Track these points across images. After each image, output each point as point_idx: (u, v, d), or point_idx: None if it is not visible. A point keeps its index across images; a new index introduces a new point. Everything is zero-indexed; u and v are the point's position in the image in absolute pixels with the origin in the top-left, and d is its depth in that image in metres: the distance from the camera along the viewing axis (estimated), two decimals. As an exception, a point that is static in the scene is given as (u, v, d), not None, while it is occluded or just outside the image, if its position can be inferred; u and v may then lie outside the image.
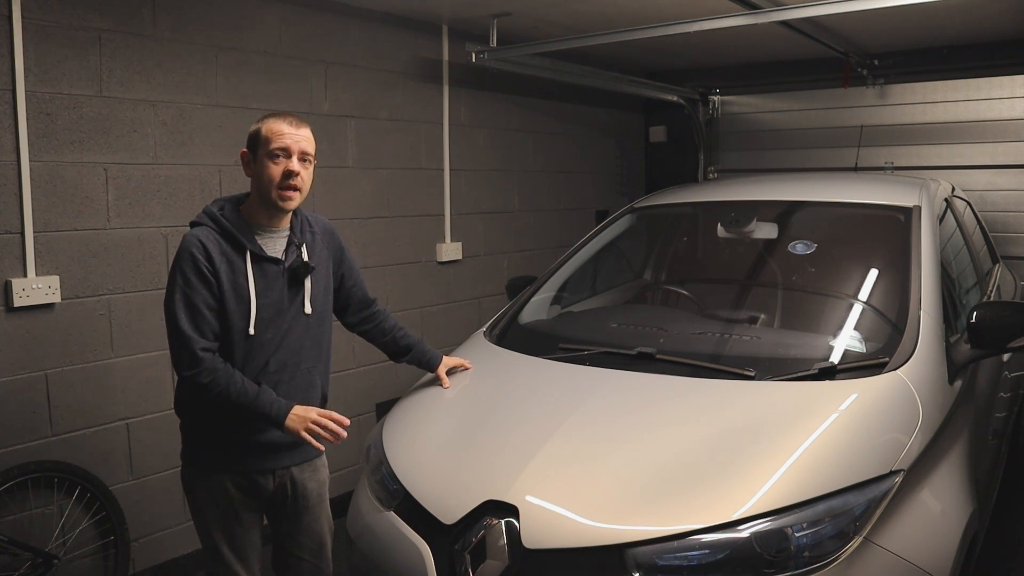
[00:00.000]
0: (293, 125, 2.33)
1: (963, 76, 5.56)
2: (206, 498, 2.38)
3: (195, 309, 2.24)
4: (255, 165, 2.34)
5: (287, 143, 2.30)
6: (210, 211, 2.36)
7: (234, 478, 2.37)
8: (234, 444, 2.36)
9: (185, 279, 2.25)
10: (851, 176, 4.86)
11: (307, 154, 2.35)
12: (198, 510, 2.42)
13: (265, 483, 2.41)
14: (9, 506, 3.13)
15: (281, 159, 2.30)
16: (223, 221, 2.32)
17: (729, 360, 2.69)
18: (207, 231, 2.31)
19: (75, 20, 3.21)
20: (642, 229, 4.05)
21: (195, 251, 2.26)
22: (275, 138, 2.30)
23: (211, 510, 2.39)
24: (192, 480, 2.42)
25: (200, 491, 2.39)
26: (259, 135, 2.33)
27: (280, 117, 2.34)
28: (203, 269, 2.25)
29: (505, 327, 3.24)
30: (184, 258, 2.27)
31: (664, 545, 2.00)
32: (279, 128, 2.31)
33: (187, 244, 2.28)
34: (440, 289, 4.93)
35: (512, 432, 2.44)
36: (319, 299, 2.48)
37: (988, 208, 5.43)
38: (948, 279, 3.10)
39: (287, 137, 2.30)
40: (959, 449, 2.54)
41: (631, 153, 6.77)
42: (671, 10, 4.22)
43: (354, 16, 4.26)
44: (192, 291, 2.24)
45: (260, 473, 2.40)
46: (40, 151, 3.15)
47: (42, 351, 3.20)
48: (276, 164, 2.30)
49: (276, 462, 2.41)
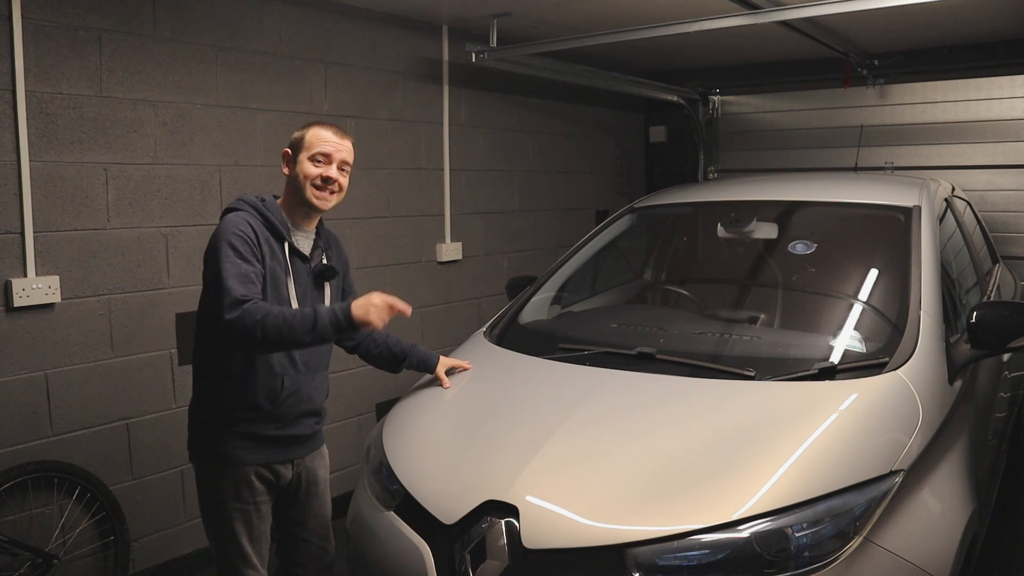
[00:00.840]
0: (337, 135, 2.47)
1: (963, 76, 5.56)
2: (230, 492, 2.41)
3: (244, 275, 2.26)
4: (295, 165, 2.45)
5: (330, 150, 2.44)
6: (251, 200, 2.43)
7: (258, 470, 2.44)
8: (260, 438, 2.42)
9: (233, 247, 2.28)
10: (851, 176, 4.86)
11: (346, 163, 2.49)
12: (219, 504, 2.43)
13: (284, 473, 2.51)
14: (9, 506, 3.13)
15: (322, 164, 2.43)
16: (265, 210, 2.41)
17: (729, 360, 2.69)
18: (251, 215, 2.39)
19: (75, 20, 3.21)
20: (642, 229, 4.04)
21: (243, 227, 2.33)
22: (319, 143, 2.43)
23: (234, 503, 2.42)
24: (216, 475, 2.43)
25: (225, 485, 2.42)
26: (303, 138, 2.45)
27: (326, 126, 2.48)
28: (250, 242, 2.32)
29: (505, 327, 3.24)
30: (231, 232, 2.31)
31: (664, 545, 2.00)
32: (324, 135, 2.45)
33: (235, 221, 2.34)
34: (440, 289, 4.93)
35: (512, 432, 2.44)
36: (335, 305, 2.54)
37: (988, 208, 5.43)
38: (948, 279, 3.10)
39: (330, 144, 2.44)
40: (959, 449, 2.54)
41: (631, 153, 6.77)
42: (671, 10, 4.22)
43: (354, 16, 4.26)
44: (240, 257, 2.28)
45: (281, 464, 2.49)
46: (40, 151, 3.15)
47: (42, 351, 3.20)
48: (316, 167, 2.43)
49: (295, 452, 2.52)
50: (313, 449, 2.59)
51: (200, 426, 2.46)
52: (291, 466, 2.52)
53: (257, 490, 2.44)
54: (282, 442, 2.47)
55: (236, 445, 2.40)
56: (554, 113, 5.78)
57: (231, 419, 2.40)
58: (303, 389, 2.46)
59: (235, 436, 2.40)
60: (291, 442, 2.49)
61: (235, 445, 2.40)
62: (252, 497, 2.43)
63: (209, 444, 2.43)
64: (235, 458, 2.40)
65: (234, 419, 2.39)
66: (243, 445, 2.41)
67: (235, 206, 2.43)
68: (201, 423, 2.46)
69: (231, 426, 2.40)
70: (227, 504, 2.42)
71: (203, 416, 2.45)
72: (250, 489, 2.43)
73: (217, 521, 2.45)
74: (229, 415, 2.40)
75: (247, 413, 2.39)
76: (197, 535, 3.74)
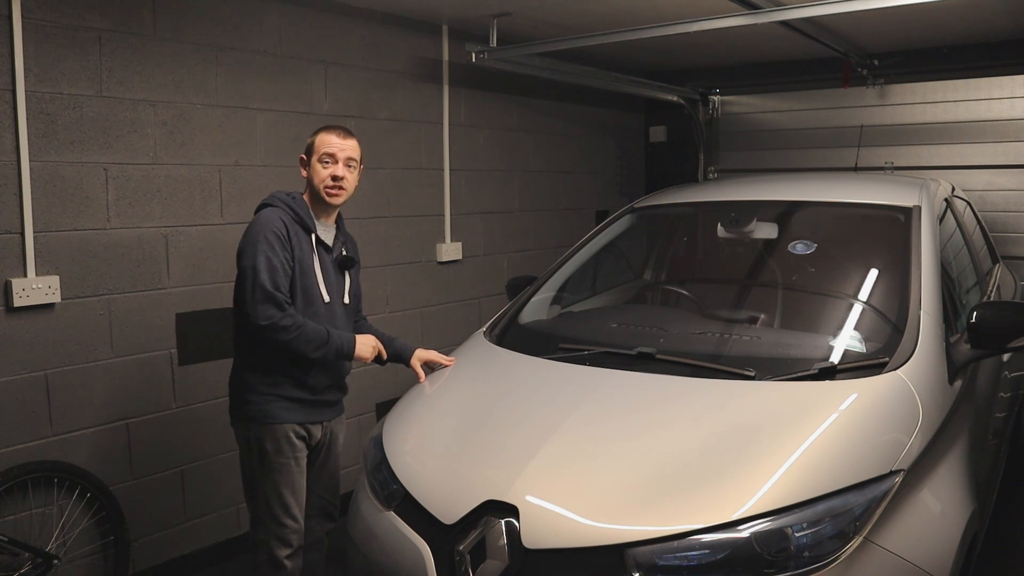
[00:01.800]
0: (341, 136, 2.80)
1: (963, 76, 5.56)
2: (273, 448, 2.73)
3: (275, 269, 2.63)
4: (309, 168, 2.81)
5: (334, 150, 2.77)
6: (282, 197, 2.77)
7: (295, 428, 2.77)
8: (298, 399, 2.76)
9: (269, 244, 2.64)
10: (851, 176, 4.86)
11: (352, 159, 2.83)
12: (263, 460, 2.74)
13: (316, 433, 2.85)
14: (9, 506, 3.13)
15: (329, 164, 2.77)
16: (295, 206, 2.76)
17: (729, 360, 2.69)
18: (283, 212, 2.73)
19: (75, 20, 3.21)
20: (642, 229, 4.04)
21: (277, 223, 2.68)
22: (324, 146, 2.78)
23: (277, 457, 2.74)
24: (260, 433, 2.74)
25: (267, 443, 2.73)
26: (313, 143, 2.80)
27: (331, 130, 2.81)
28: (283, 238, 2.67)
29: (505, 327, 3.24)
30: (267, 227, 2.66)
31: (664, 545, 2.00)
32: (329, 139, 2.79)
33: (269, 217, 2.69)
34: (440, 289, 4.93)
35: (512, 432, 2.44)
36: (354, 294, 2.98)
37: (988, 208, 5.43)
38: (948, 279, 3.10)
39: (334, 145, 2.78)
40: (959, 449, 2.54)
41: (631, 153, 6.77)
42: (671, 10, 4.22)
43: (354, 16, 4.26)
44: (274, 254, 2.64)
45: (314, 424, 2.84)
46: (40, 151, 3.15)
47: (42, 351, 3.20)
48: (325, 168, 2.77)
49: (325, 415, 2.88)
50: (338, 414, 2.97)
51: (244, 389, 2.76)
52: (321, 427, 2.86)
53: (296, 446, 2.77)
54: (316, 405, 2.82)
55: (278, 406, 2.73)
56: (554, 113, 5.78)
57: (273, 383, 2.73)
58: (330, 370, 2.83)
59: (276, 398, 2.73)
60: (322, 406, 2.85)
61: (277, 406, 2.73)
62: (292, 452, 2.76)
63: (253, 405, 2.73)
64: (277, 416, 2.73)
65: (275, 383, 2.73)
66: (283, 405, 2.74)
67: (269, 202, 2.76)
68: (245, 386, 2.76)
69: (273, 388, 2.73)
70: (270, 459, 2.73)
71: (247, 379, 2.75)
72: (290, 444, 2.75)
73: (261, 476, 2.75)
74: (271, 379, 2.73)
75: (285, 379, 2.73)
76: (197, 535, 3.75)
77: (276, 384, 2.73)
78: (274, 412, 2.73)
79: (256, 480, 2.79)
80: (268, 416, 2.73)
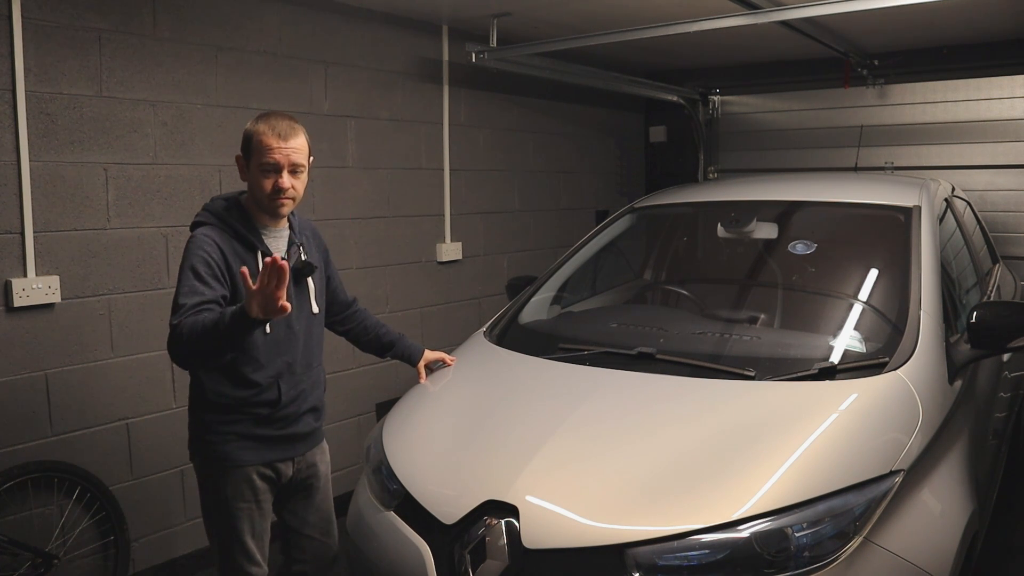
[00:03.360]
0: (282, 138, 2.30)
1: (963, 76, 5.56)
2: (232, 492, 2.40)
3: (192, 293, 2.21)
4: (249, 173, 2.36)
5: (276, 158, 2.30)
6: (215, 210, 2.37)
7: (259, 469, 2.43)
8: (261, 438, 2.42)
9: (196, 273, 2.23)
10: (851, 176, 4.86)
11: (298, 166, 2.35)
12: (221, 503, 2.42)
13: (285, 471, 2.50)
14: (9, 506, 3.13)
15: (271, 174, 2.31)
16: (233, 222, 2.34)
17: (729, 360, 2.69)
18: (217, 231, 2.32)
19: (75, 20, 3.21)
20: (642, 229, 4.04)
21: (209, 250, 2.26)
22: (263, 152, 2.30)
23: (236, 501, 2.41)
24: (217, 476, 2.42)
25: (226, 486, 2.40)
26: (251, 143, 2.33)
27: (271, 127, 2.31)
28: (216, 270, 2.26)
29: (505, 327, 3.24)
30: (196, 257, 2.25)
31: (664, 545, 2.00)
32: (268, 142, 2.30)
33: (199, 243, 2.27)
34: (440, 289, 4.93)
35: (512, 432, 2.44)
36: (320, 298, 2.57)
37: (988, 208, 5.43)
38: (948, 279, 3.10)
39: (276, 152, 2.30)
40: (959, 449, 2.54)
41: (631, 153, 6.77)
42: (671, 10, 4.22)
43: (354, 16, 4.26)
44: (200, 281, 2.22)
45: (282, 462, 2.48)
46: (40, 151, 3.15)
47: (42, 351, 3.20)
48: (267, 178, 2.31)
49: (296, 450, 2.51)
50: (314, 445, 2.59)
51: (200, 427, 2.44)
52: (292, 463, 2.51)
53: (259, 488, 2.44)
54: (283, 441, 2.46)
55: (237, 446, 2.39)
56: (554, 113, 5.78)
57: (231, 420, 2.39)
58: (302, 389, 2.48)
59: (235, 437, 2.39)
60: (292, 440, 2.49)
61: (236, 446, 2.39)
62: (254, 496, 2.43)
63: (210, 445, 2.41)
64: (236, 458, 2.39)
65: (233, 420, 2.39)
66: (243, 446, 2.40)
67: (202, 219, 2.36)
68: (201, 424, 2.44)
69: (231, 426, 2.39)
70: (229, 503, 2.41)
71: (203, 417, 2.43)
72: (251, 488, 2.42)
73: (219, 519, 2.44)
74: (228, 417, 2.39)
75: (247, 416, 2.39)
76: (197, 535, 3.74)
77: (234, 422, 2.37)
78: (232, 454, 2.38)
79: (213, 524, 2.47)
80: (226, 459, 2.38)
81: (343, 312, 2.82)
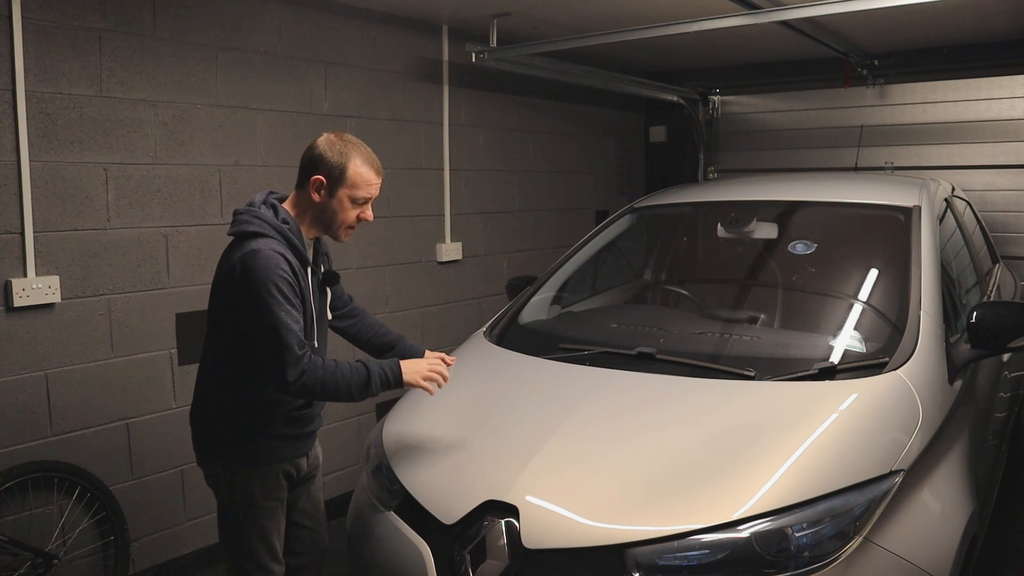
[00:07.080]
0: (378, 174, 2.40)
1: (963, 76, 5.56)
2: (261, 491, 2.41)
3: (296, 324, 2.24)
4: (330, 198, 2.36)
5: (373, 193, 2.39)
6: (274, 224, 2.32)
7: (284, 467, 2.46)
8: (290, 436, 2.45)
9: (281, 292, 2.22)
10: (851, 176, 4.86)
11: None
12: (249, 503, 2.41)
13: (302, 465, 2.54)
14: (9, 506, 3.13)
15: (363, 206, 2.40)
16: (292, 237, 2.33)
17: (729, 360, 2.69)
18: (281, 245, 2.29)
19: (75, 20, 3.21)
20: (642, 229, 4.05)
21: (284, 267, 2.26)
22: (364, 187, 2.37)
23: (265, 501, 2.42)
24: (247, 475, 2.41)
25: (254, 485, 2.41)
26: (345, 173, 2.34)
27: (369, 162, 2.38)
28: (292, 284, 2.27)
29: (505, 327, 3.24)
30: (277, 275, 2.23)
31: (664, 545, 2.00)
32: (369, 177, 2.37)
33: (275, 261, 2.24)
34: (440, 289, 4.93)
35: (512, 432, 2.44)
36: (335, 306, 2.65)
37: (988, 208, 5.43)
38: (948, 279, 3.10)
39: (374, 188, 2.39)
40: (959, 449, 2.54)
41: (631, 153, 6.77)
42: (671, 10, 4.22)
43: (354, 16, 4.26)
44: (290, 304, 2.24)
45: (302, 457, 2.53)
46: (40, 151, 3.15)
47: (42, 351, 3.20)
48: (356, 210, 2.38)
49: (310, 445, 2.57)
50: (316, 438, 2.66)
51: (226, 428, 2.42)
52: (306, 458, 2.57)
53: (283, 486, 2.48)
54: (304, 438, 2.52)
55: (271, 445, 2.41)
56: (554, 113, 5.78)
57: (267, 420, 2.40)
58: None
59: (269, 436, 2.41)
60: (310, 436, 2.56)
61: (270, 444, 2.41)
62: (279, 493, 2.46)
63: (239, 446, 2.41)
64: (270, 456, 2.41)
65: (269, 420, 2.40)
66: (276, 445, 2.42)
67: (262, 231, 2.29)
68: (228, 425, 2.42)
69: (266, 426, 2.40)
70: (259, 502, 2.41)
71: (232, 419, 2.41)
72: (279, 485, 2.46)
73: (247, 520, 2.42)
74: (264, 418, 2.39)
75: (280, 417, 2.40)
76: (197, 535, 3.74)
77: (269, 422, 2.40)
78: (266, 451, 2.40)
79: (239, 525, 2.44)
80: (258, 457, 2.40)
81: (343, 309, 2.82)
